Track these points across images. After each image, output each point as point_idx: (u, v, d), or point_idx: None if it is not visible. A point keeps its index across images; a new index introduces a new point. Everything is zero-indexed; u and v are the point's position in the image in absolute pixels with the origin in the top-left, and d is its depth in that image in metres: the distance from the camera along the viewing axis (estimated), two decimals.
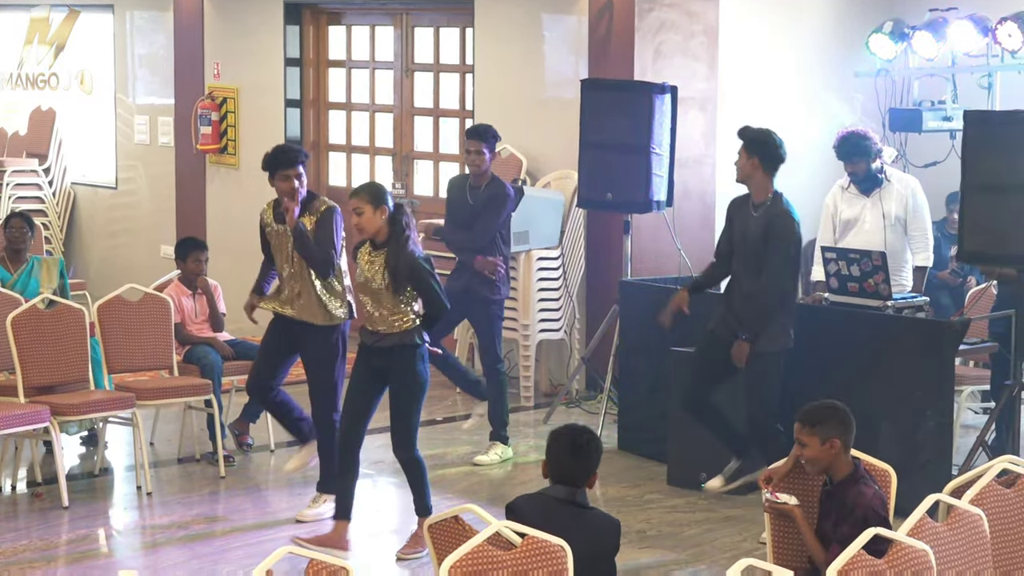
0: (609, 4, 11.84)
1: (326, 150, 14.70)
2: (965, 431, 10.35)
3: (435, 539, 5.74)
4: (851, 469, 6.39)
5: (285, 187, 8.85)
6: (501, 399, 10.34)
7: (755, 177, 8.73)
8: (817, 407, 6.50)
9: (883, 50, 11.43)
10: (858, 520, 6.16)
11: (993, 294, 10.33)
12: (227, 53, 15.14)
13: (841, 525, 6.24)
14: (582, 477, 6.10)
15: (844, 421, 6.44)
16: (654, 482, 9.80)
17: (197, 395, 10.02)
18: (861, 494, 6.28)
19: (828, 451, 6.38)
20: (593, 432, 6.24)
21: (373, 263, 8.30)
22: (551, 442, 6.16)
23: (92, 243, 16.86)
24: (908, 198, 10.09)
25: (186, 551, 8.56)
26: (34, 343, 9.55)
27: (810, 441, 6.40)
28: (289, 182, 8.84)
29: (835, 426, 6.40)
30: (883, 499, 6.35)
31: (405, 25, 13.85)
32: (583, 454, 6.09)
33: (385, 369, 8.37)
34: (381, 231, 8.28)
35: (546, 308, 11.93)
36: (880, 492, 6.37)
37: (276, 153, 8.97)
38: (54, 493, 9.34)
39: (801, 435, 6.42)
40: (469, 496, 9.26)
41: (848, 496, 6.31)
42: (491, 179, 10.28)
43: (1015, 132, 8.73)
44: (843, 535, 6.12)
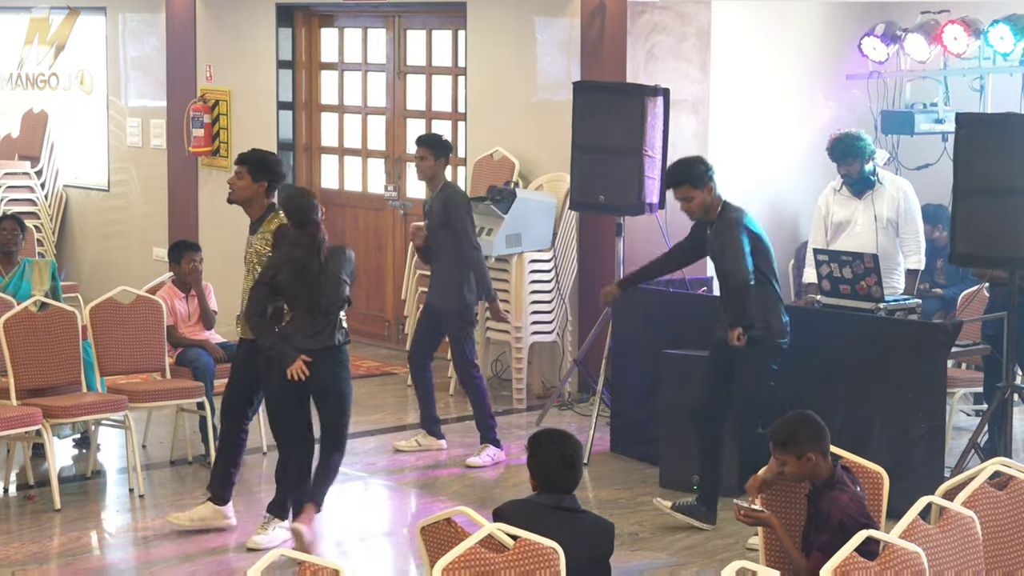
0: (601, 6, 11.84)
1: (318, 152, 14.69)
2: (957, 433, 10.36)
3: (428, 542, 5.74)
4: (829, 474, 6.40)
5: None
6: (483, 403, 10.35)
7: (705, 203, 8.78)
8: (786, 424, 6.47)
9: (875, 52, 11.44)
10: (834, 526, 6.17)
11: (985, 296, 10.34)
12: (219, 55, 15.13)
13: (821, 532, 6.24)
14: (572, 485, 6.10)
15: (815, 431, 6.42)
16: (646, 485, 9.80)
17: (189, 397, 10.02)
18: (836, 500, 6.27)
19: (806, 464, 6.38)
20: (574, 436, 6.21)
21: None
22: (535, 454, 6.11)
23: (84, 245, 16.84)
24: (900, 200, 10.12)
25: (178, 553, 8.56)
26: (26, 345, 9.54)
27: (787, 459, 6.40)
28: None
29: (807, 439, 6.38)
30: (861, 502, 6.32)
31: (397, 27, 13.84)
32: (571, 463, 6.08)
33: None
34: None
35: (538, 311, 11.93)
36: (859, 494, 6.35)
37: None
38: (46, 495, 9.34)
39: (777, 454, 6.43)
40: (461, 499, 9.25)
41: (823, 502, 6.32)
42: (443, 185, 10.34)
43: (1007, 134, 8.74)
44: (823, 542, 6.14)
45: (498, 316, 10.49)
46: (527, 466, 6.15)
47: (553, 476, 6.06)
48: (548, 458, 6.06)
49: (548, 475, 6.06)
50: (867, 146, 10.12)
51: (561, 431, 6.24)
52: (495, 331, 11.91)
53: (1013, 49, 10.66)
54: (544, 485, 6.08)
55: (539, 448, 6.11)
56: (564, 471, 6.06)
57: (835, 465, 6.41)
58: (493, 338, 12.06)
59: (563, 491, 6.06)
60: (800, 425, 6.43)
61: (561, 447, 6.08)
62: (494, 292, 10.37)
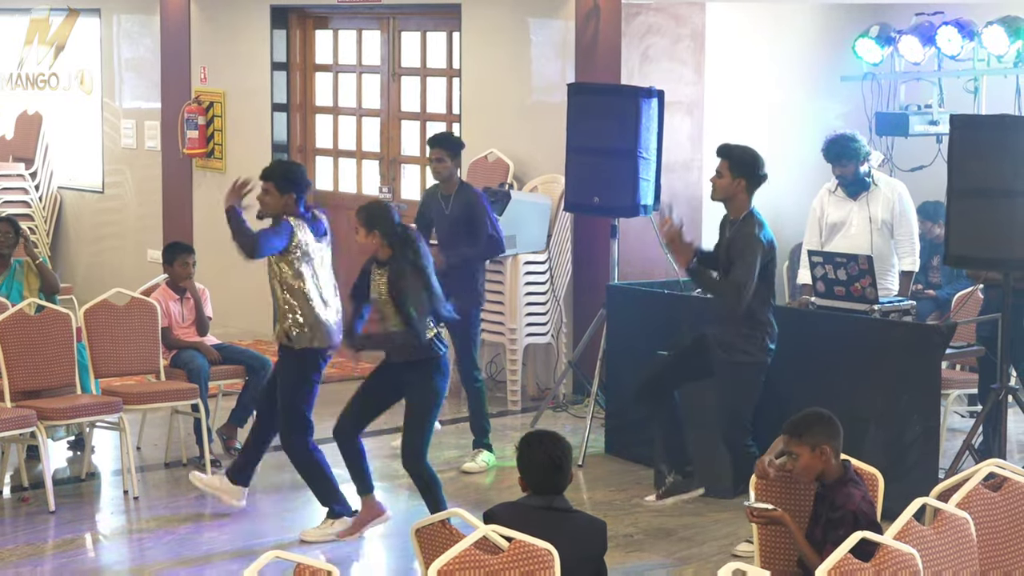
0: (596, 8, 11.85)
1: (313, 154, 14.69)
2: (952, 435, 10.36)
3: (422, 543, 5.75)
4: (842, 472, 6.41)
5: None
6: (481, 408, 10.34)
7: (737, 197, 8.72)
8: (803, 417, 6.51)
9: (869, 54, 11.44)
10: (848, 521, 6.18)
11: (980, 298, 10.34)
12: (214, 57, 15.12)
13: (837, 528, 6.23)
14: (562, 486, 6.11)
15: (831, 427, 6.46)
16: (641, 486, 9.80)
17: (184, 399, 10.01)
18: (850, 495, 6.30)
19: (819, 458, 6.39)
20: (562, 438, 6.20)
21: (378, 281, 8.47)
22: (524, 457, 6.11)
23: (79, 247, 16.83)
24: (895, 202, 10.11)
25: (173, 556, 8.55)
26: (21, 347, 9.53)
27: (800, 451, 6.41)
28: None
29: (822, 432, 6.41)
30: (871, 502, 6.37)
31: (392, 29, 13.84)
32: (560, 464, 6.08)
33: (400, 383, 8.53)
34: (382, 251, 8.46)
35: (533, 312, 11.93)
36: (868, 495, 6.38)
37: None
38: (41, 497, 9.33)
39: (791, 446, 6.43)
40: (456, 501, 9.25)
41: (838, 498, 6.33)
42: (459, 185, 10.34)
43: (1001, 136, 8.74)
44: (838, 537, 6.12)
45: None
46: (517, 468, 6.15)
47: (543, 477, 6.07)
48: (537, 459, 6.07)
49: (538, 477, 6.07)
50: (861, 147, 10.12)
51: (550, 432, 6.25)
52: (490, 333, 11.90)
53: (1007, 50, 10.66)
54: (534, 487, 6.09)
55: (528, 450, 6.12)
56: (553, 472, 6.07)
57: (846, 465, 6.43)
58: (488, 340, 12.05)
59: (553, 492, 6.07)
60: (818, 418, 6.47)
61: (550, 448, 6.09)
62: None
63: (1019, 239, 8.66)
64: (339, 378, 11.91)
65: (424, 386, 8.43)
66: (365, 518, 8.83)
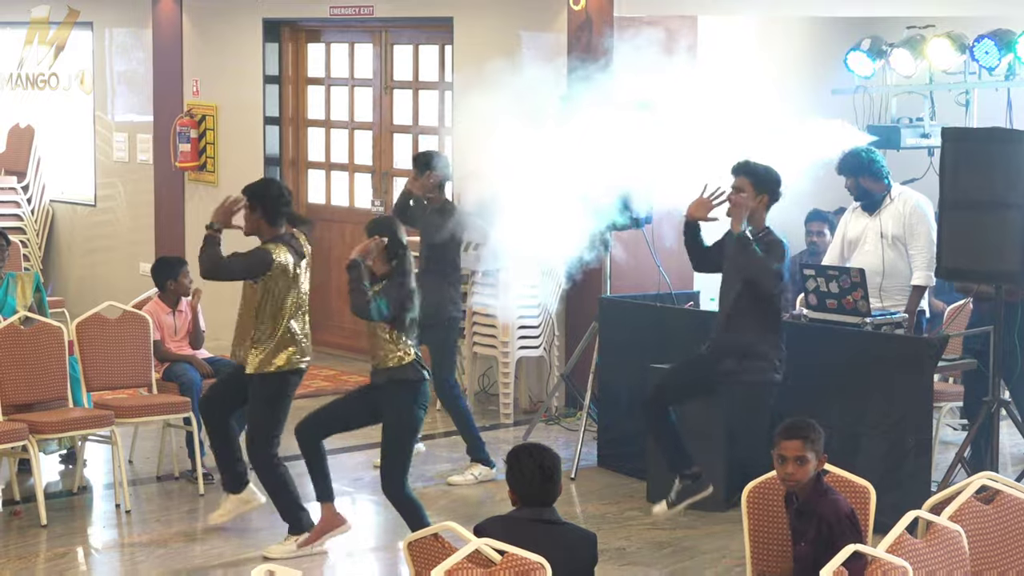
0: (588, 22, 11.86)
1: (305, 167, 14.69)
2: (944, 447, 10.36)
3: (415, 557, 5.74)
4: (815, 482, 6.44)
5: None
6: (464, 425, 10.31)
7: (757, 214, 8.76)
8: (807, 424, 6.54)
9: (861, 67, 11.44)
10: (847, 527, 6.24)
11: (970, 310, 10.34)
12: (206, 70, 15.13)
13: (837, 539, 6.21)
14: (551, 498, 6.11)
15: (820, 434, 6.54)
16: (634, 499, 9.80)
17: (176, 413, 10.00)
18: (835, 503, 6.37)
19: (819, 465, 6.47)
20: (551, 450, 6.20)
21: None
22: (514, 469, 6.11)
23: (71, 260, 16.82)
24: (905, 216, 10.03)
25: (165, 569, 8.54)
26: (12, 361, 9.52)
27: (811, 456, 6.45)
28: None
29: (820, 440, 6.49)
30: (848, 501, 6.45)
31: (384, 43, 13.86)
32: (550, 476, 6.08)
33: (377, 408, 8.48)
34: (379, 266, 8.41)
35: (525, 325, 11.93)
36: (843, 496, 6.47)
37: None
38: (32, 511, 9.32)
39: (803, 451, 6.45)
40: (448, 514, 9.24)
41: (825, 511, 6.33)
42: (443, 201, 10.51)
43: (993, 149, 8.76)
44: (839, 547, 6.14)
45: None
46: (506, 481, 6.15)
47: (533, 489, 6.07)
48: (527, 471, 6.07)
49: (528, 489, 6.07)
50: (863, 162, 10.09)
51: (539, 445, 6.25)
52: (483, 346, 11.89)
53: (998, 64, 10.68)
54: (524, 499, 6.09)
55: (517, 462, 6.12)
56: (543, 485, 6.07)
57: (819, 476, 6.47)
58: (480, 353, 12.05)
59: (543, 504, 6.07)
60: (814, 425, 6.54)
61: (540, 460, 6.09)
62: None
63: (1011, 252, 8.67)
64: (333, 391, 11.91)
65: (400, 412, 8.37)
66: (324, 527, 8.78)
